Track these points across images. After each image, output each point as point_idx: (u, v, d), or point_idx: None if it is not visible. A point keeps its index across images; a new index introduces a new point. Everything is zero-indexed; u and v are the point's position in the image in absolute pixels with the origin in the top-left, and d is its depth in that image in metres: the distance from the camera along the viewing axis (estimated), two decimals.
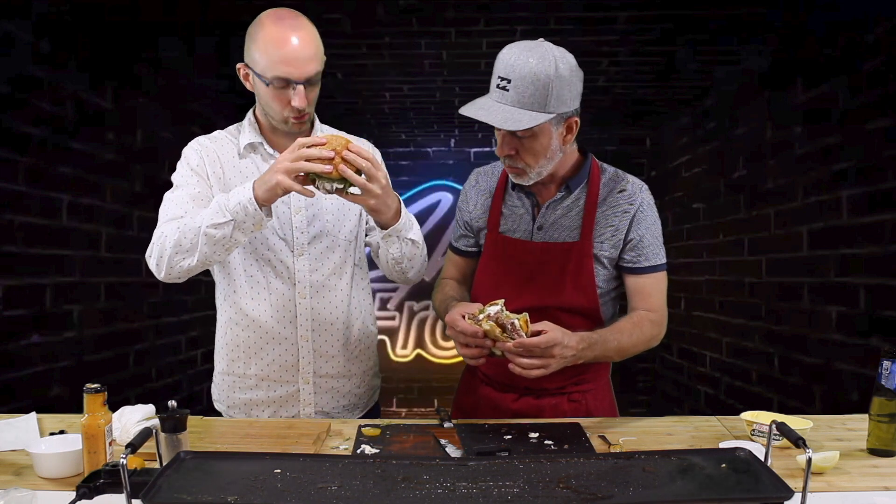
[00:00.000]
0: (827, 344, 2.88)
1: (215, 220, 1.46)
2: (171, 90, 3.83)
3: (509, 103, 1.46)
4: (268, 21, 1.53)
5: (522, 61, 1.45)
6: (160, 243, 1.53)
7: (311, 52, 1.53)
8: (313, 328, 1.69)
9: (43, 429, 1.53)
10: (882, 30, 2.50)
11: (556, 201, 1.65)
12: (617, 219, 1.62)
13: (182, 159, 1.68)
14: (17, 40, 2.58)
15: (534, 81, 1.44)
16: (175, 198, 1.61)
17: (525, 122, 1.45)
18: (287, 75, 1.51)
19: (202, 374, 4.29)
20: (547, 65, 1.45)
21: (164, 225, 1.57)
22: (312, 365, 1.71)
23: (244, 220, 1.45)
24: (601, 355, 1.54)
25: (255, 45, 1.53)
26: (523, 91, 1.45)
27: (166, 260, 1.52)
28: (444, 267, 1.86)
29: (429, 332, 5.74)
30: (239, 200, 1.44)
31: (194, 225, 1.48)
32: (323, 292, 1.70)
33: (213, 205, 1.48)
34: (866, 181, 2.60)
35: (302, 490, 1.02)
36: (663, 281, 1.68)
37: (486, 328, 1.40)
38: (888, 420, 1.37)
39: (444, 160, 5.57)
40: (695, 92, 4.19)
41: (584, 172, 1.65)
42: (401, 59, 3.58)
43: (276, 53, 1.50)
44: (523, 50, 1.47)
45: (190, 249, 1.49)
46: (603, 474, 1.07)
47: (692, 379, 4.55)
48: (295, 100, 1.54)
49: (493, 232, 1.71)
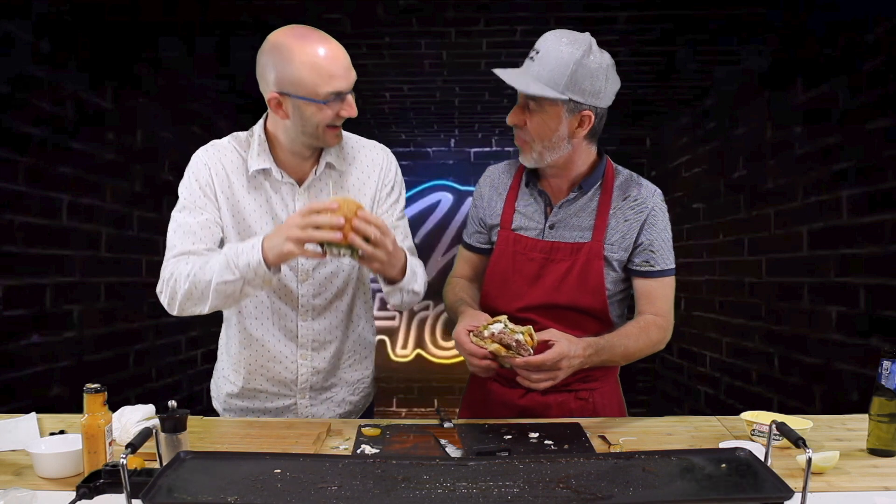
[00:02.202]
0: (827, 344, 2.88)
1: (225, 278, 1.44)
2: (171, 90, 3.82)
3: (531, 73, 1.52)
4: (295, 43, 1.46)
5: (556, 39, 1.51)
6: (171, 286, 1.51)
7: (348, 59, 1.52)
8: (313, 347, 1.70)
9: (43, 429, 1.53)
10: (882, 30, 2.50)
11: (568, 201, 1.66)
12: (628, 222, 1.63)
13: (190, 173, 1.61)
14: (17, 40, 2.58)
15: (557, 58, 1.49)
16: (184, 224, 1.56)
17: (532, 88, 1.50)
18: (340, 89, 1.49)
19: (202, 374, 4.29)
20: (575, 49, 1.50)
21: (173, 261, 1.53)
22: (310, 381, 1.72)
23: (253, 279, 1.44)
24: (608, 360, 1.56)
25: (293, 68, 1.45)
26: (545, 64, 1.50)
27: (177, 304, 1.51)
28: (456, 264, 1.87)
29: (429, 332, 5.74)
30: (248, 261, 1.42)
31: (205, 278, 1.46)
32: (325, 314, 1.70)
33: (222, 258, 1.45)
34: (866, 181, 2.60)
35: (302, 490, 1.02)
36: (671, 286, 1.69)
37: (492, 349, 1.41)
38: (888, 420, 1.37)
39: (444, 160, 5.57)
40: (695, 92, 4.19)
41: (598, 174, 1.66)
42: (401, 59, 3.58)
43: (325, 71, 1.46)
44: (565, 34, 1.53)
45: (201, 299, 1.49)
46: (603, 474, 1.07)
47: (692, 379, 4.55)
48: (345, 109, 1.52)
49: (506, 229, 1.72)
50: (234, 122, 4.62)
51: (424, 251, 5.45)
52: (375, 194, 1.69)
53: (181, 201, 1.59)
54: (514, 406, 1.72)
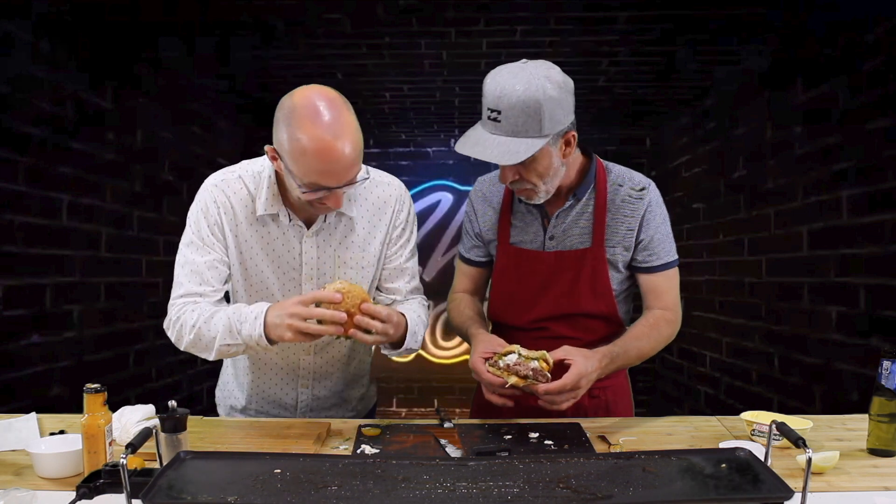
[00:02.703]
0: (827, 344, 2.88)
1: (227, 341, 1.47)
2: (171, 90, 3.82)
3: (503, 133, 1.44)
4: (305, 119, 1.34)
5: (509, 90, 1.42)
6: (177, 330, 1.53)
7: (353, 157, 1.37)
8: (314, 378, 1.72)
9: (43, 429, 1.53)
10: (882, 30, 2.50)
11: (564, 211, 1.65)
12: (627, 221, 1.63)
13: (199, 208, 1.57)
14: (17, 40, 2.58)
15: (524, 109, 1.42)
16: (191, 261, 1.55)
17: (522, 153, 1.43)
18: (325, 184, 1.38)
19: (202, 374, 4.29)
20: (535, 89, 1.41)
21: (180, 303, 1.54)
22: (310, 405, 1.74)
23: (255, 346, 1.46)
24: (624, 365, 1.58)
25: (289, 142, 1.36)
26: (515, 120, 1.43)
27: (183, 347, 1.54)
28: (456, 279, 1.85)
29: (429, 332, 5.74)
30: (250, 334, 1.43)
31: (209, 335, 1.48)
32: (328, 349, 1.71)
33: (226, 321, 1.46)
34: (866, 181, 2.60)
35: (302, 490, 1.02)
36: (675, 277, 1.69)
37: (511, 383, 1.42)
38: (888, 420, 1.37)
39: (444, 160, 5.57)
40: (695, 92, 4.18)
41: (589, 178, 1.64)
42: (401, 59, 3.58)
43: (314, 162, 1.35)
44: (508, 77, 1.43)
45: (205, 351, 1.52)
46: (603, 474, 1.07)
47: (692, 379, 4.55)
48: (330, 200, 1.43)
49: (504, 244, 1.71)
50: (234, 122, 4.62)
51: (424, 251, 5.44)
52: (386, 237, 1.65)
53: (189, 235, 1.57)
54: (529, 407, 1.70)
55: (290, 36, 3.21)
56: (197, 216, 1.57)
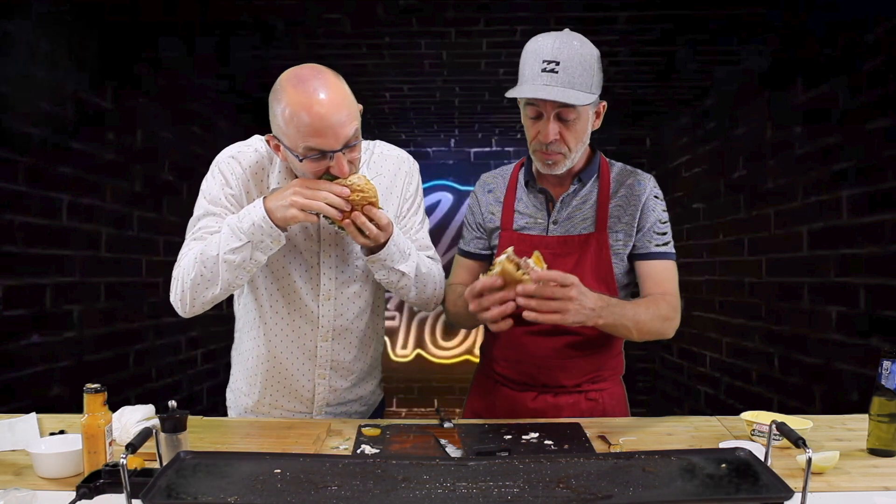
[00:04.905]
0: (827, 344, 2.88)
1: (231, 245, 1.41)
2: (171, 90, 3.82)
3: (559, 84, 1.49)
4: (288, 85, 1.36)
5: (567, 43, 1.50)
6: (181, 279, 1.48)
7: (342, 114, 1.36)
8: (332, 366, 1.69)
9: (43, 429, 1.53)
10: (882, 30, 2.50)
11: (569, 195, 1.67)
12: (628, 211, 1.65)
13: (214, 179, 1.55)
14: (17, 40, 2.58)
15: (581, 62, 1.49)
16: (205, 228, 1.51)
17: (583, 99, 1.49)
18: (319, 146, 1.36)
19: (202, 374, 4.29)
20: (589, 47, 1.52)
21: (182, 259, 1.50)
22: (327, 398, 1.72)
23: (261, 240, 1.41)
24: (618, 322, 1.49)
25: (279, 115, 1.37)
26: (573, 71, 1.49)
27: (189, 294, 1.47)
28: (453, 272, 1.84)
29: (429, 332, 5.74)
30: (253, 221, 1.39)
31: (212, 253, 1.43)
32: (345, 335, 1.69)
33: (225, 229, 1.43)
34: (866, 181, 2.60)
35: (302, 490, 1.02)
36: (673, 269, 1.69)
37: (500, 270, 1.37)
38: (888, 420, 1.37)
39: (444, 160, 5.57)
40: (695, 92, 4.19)
41: (594, 165, 1.69)
42: (401, 59, 3.58)
43: (303, 124, 1.33)
44: (560, 35, 1.52)
45: (212, 279, 1.45)
46: (603, 474, 1.07)
47: (692, 379, 4.55)
48: (334, 169, 1.40)
49: (507, 230, 1.72)
50: (234, 122, 4.62)
51: None
52: (398, 209, 1.67)
53: (203, 205, 1.54)
54: (526, 409, 1.70)
55: (290, 36, 3.21)
56: (211, 186, 1.55)
